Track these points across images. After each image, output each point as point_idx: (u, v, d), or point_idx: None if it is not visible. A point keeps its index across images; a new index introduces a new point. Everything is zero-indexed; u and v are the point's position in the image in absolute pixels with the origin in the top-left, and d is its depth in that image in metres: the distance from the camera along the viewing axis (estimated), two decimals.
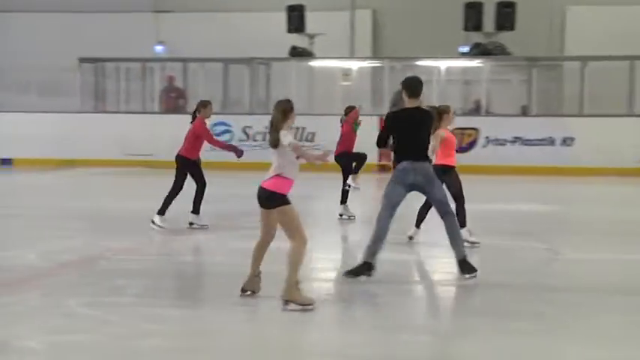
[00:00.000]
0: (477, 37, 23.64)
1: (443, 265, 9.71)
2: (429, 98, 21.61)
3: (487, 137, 21.49)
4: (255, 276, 7.73)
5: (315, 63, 24.29)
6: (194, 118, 12.06)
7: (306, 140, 21.74)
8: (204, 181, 12.03)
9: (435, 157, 10.09)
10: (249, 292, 7.73)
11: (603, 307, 8.00)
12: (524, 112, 22.96)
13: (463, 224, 10.08)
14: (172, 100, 24.07)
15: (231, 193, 15.91)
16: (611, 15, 25.26)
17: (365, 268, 8.50)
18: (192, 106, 23.09)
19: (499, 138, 21.48)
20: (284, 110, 7.45)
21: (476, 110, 23.51)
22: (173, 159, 11.95)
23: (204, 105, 12.08)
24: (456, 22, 23.53)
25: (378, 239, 8.51)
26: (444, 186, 9.44)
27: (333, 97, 22.51)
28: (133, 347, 6.36)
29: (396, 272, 9.13)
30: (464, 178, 9.97)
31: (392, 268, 9.09)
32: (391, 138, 8.70)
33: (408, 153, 8.54)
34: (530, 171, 20.44)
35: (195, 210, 12.06)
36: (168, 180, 11.96)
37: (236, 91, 23.68)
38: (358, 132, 13.22)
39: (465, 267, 8.64)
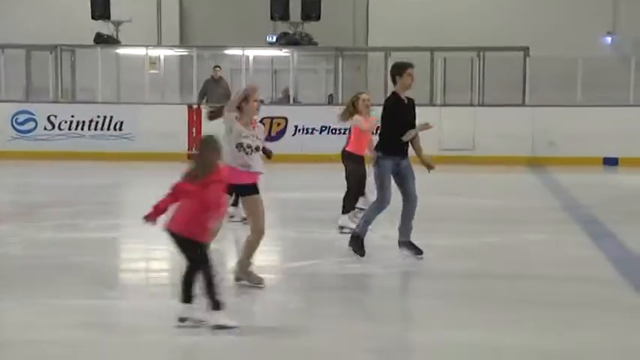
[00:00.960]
0: (284, 27, 23.88)
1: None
2: (239, 87, 21.73)
3: (296, 126, 21.71)
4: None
5: (121, 50, 23.88)
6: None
7: (114, 129, 21.39)
8: None
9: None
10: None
11: (414, 291, 8.33)
12: (331, 101, 23.41)
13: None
14: None
15: (29, 182, 15.49)
16: (411, 6, 26.10)
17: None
18: None
19: (307, 127, 21.74)
20: None
21: (284, 99, 23.78)
22: None
23: None
24: (264, 11, 23.69)
25: None
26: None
27: (140, 85, 22.21)
28: None
29: None
30: (275, 167, 10.05)
31: None
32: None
33: None
34: (338, 159, 20.72)
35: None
36: None
37: (39, 79, 22.96)
38: None
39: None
